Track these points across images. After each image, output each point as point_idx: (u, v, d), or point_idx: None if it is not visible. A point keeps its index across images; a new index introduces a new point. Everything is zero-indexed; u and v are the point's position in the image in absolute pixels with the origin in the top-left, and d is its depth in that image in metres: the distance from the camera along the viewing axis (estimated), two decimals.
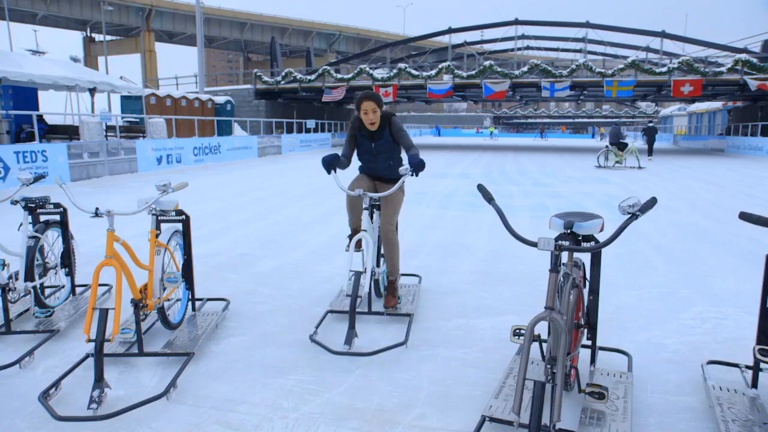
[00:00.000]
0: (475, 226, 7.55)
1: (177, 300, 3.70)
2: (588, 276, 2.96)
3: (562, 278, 2.37)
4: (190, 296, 3.80)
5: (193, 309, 3.85)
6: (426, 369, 3.15)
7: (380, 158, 4.01)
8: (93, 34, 59.87)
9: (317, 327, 3.65)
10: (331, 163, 3.75)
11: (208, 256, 5.60)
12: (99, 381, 2.62)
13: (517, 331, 2.49)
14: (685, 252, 6.12)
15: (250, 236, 6.76)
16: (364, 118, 3.85)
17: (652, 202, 2.12)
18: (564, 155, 27.05)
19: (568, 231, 2.64)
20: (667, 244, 6.47)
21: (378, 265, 4.05)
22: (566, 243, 2.18)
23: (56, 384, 2.76)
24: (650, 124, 22.75)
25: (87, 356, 3.07)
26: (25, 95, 17.12)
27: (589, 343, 3.02)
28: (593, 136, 66.04)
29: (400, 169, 3.64)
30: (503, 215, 2.21)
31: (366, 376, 3.04)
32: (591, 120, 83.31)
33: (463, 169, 18.11)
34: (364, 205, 3.78)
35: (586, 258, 3.04)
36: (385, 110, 3.92)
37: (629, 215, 2.07)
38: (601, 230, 2.66)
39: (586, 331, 2.96)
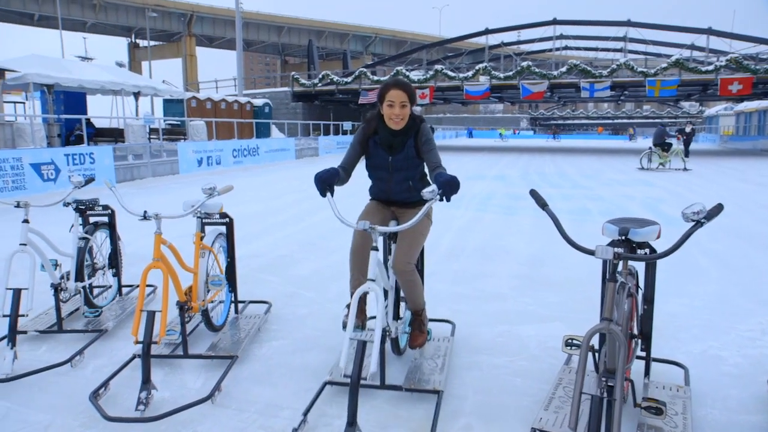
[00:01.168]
0: (514, 229, 7.42)
1: (220, 302, 3.73)
2: (640, 284, 2.85)
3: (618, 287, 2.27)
4: (232, 298, 3.83)
5: (236, 311, 3.87)
6: (470, 377, 3.08)
7: (396, 177, 3.00)
8: (137, 40, 61.67)
9: (312, 403, 2.70)
10: (326, 181, 2.62)
11: (248, 258, 5.64)
12: (146, 382, 2.65)
13: (570, 341, 2.40)
14: (738, 258, 5.85)
15: (289, 238, 6.80)
16: (387, 112, 2.86)
17: (718, 208, 2.01)
18: (604, 157, 26.42)
19: (623, 238, 2.54)
20: (719, 249, 6.20)
21: (396, 316, 3.05)
22: (622, 251, 2.08)
23: (105, 384, 2.81)
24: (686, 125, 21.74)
25: (134, 357, 3.12)
26: (74, 100, 17.74)
27: (643, 353, 2.89)
28: (630, 138, 64.27)
29: (424, 191, 2.42)
30: (558, 221, 2.13)
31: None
32: (631, 121, 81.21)
33: (500, 171, 17.88)
34: (374, 244, 2.48)
35: (638, 265, 2.92)
36: (414, 112, 3.01)
37: (694, 222, 1.96)
38: (658, 237, 2.55)
39: (639, 341, 2.85)
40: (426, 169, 3.04)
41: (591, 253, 1.94)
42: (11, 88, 16.97)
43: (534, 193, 2.34)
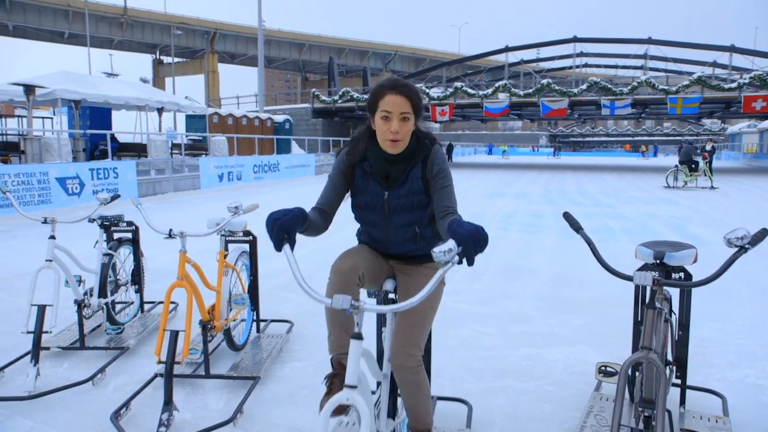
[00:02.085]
0: (537, 249, 7.31)
1: (242, 321, 3.70)
2: (673, 308, 2.76)
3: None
4: (254, 317, 3.80)
5: (258, 330, 3.84)
6: (497, 402, 2.99)
7: (396, 220, 2.13)
8: (161, 57, 63.05)
9: None
10: (283, 228, 1.71)
11: (268, 276, 5.61)
12: (168, 403, 2.61)
13: (603, 368, 2.32)
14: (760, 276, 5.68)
15: (310, 256, 6.76)
16: (381, 128, 1.99)
17: (763, 233, 1.93)
18: (625, 175, 26.11)
19: (658, 262, 2.46)
20: (750, 271, 6.02)
21: (391, 413, 2.28)
22: (655, 274, 2.00)
23: (126, 404, 2.78)
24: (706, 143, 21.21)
25: (155, 376, 3.09)
26: (100, 115, 18.08)
27: (677, 381, 2.79)
28: (655, 155, 63.60)
29: (435, 251, 1.47)
30: (593, 245, 2.06)
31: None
32: (651, 138, 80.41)
33: (521, 188, 17.74)
34: (356, 330, 1.62)
35: (672, 289, 2.82)
36: (423, 130, 2.14)
37: (737, 248, 1.88)
38: (694, 261, 2.46)
39: (674, 368, 2.74)
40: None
41: (629, 278, 1.87)
42: (40, 104, 17.37)
43: (568, 216, 2.27)
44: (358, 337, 1.62)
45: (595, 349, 3.77)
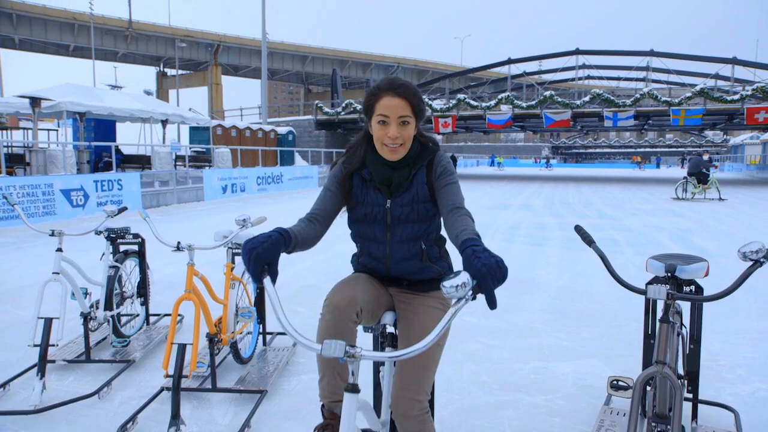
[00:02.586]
0: (542, 261, 7.28)
1: (248, 333, 3.68)
2: (684, 321, 2.73)
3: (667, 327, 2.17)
4: (260, 330, 3.78)
5: (264, 343, 3.81)
6: (507, 416, 2.96)
7: (399, 233, 1.93)
8: (165, 69, 63.53)
9: None
10: (261, 258, 1.53)
11: None
12: (175, 418, 2.59)
13: (615, 383, 2.30)
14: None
15: (316, 267, 6.76)
16: (379, 133, 1.83)
17: None
18: (628, 186, 26.09)
19: (669, 275, 2.44)
20: (757, 285, 5.96)
21: None
22: (668, 287, 1.99)
23: (133, 418, 2.76)
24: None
25: (162, 390, 3.07)
26: (104, 127, 18.20)
27: (689, 395, 2.75)
28: (657, 166, 63.70)
29: (445, 284, 1.23)
30: (606, 259, 2.04)
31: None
32: (654, 150, 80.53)
33: (525, 200, 17.72)
34: (351, 381, 1.42)
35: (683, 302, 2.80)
36: (426, 135, 1.99)
37: (752, 262, 1.86)
38: (706, 275, 2.45)
39: (685, 382, 2.71)
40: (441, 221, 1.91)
41: (642, 292, 1.86)
42: (45, 116, 17.50)
43: (579, 230, 2.26)
44: (354, 389, 1.38)
45: (604, 362, 3.74)
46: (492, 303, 1.31)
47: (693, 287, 2.54)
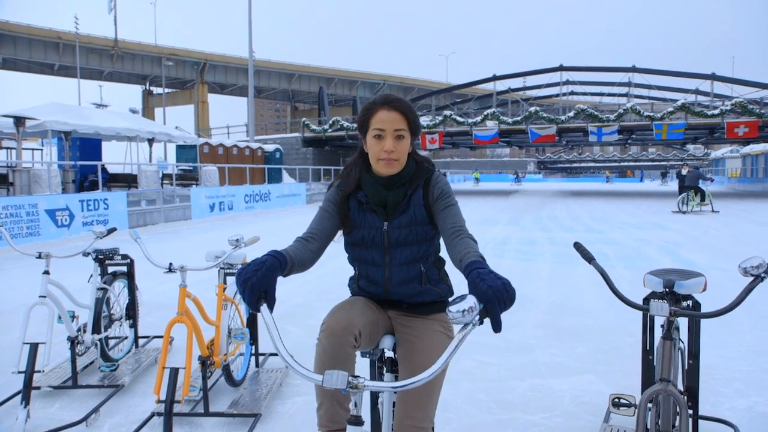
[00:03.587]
0: (534, 276, 7.28)
1: (240, 355, 3.61)
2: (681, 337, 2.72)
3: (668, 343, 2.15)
4: (253, 351, 3.71)
5: (257, 365, 3.74)
6: None
7: (398, 256, 1.90)
8: (151, 87, 63.38)
9: None
10: (257, 287, 1.44)
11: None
12: None
13: (617, 400, 2.27)
14: (765, 303, 5.67)
15: (306, 286, 6.69)
16: (374, 148, 1.82)
17: None
18: (613, 200, 26.35)
19: (667, 290, 2.43)
20: (749, 297, 6.01)
21: None
22: (667, 303, 1.97)
23: None
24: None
25: (152, 415, 2.99)
26: (90, 146, 18.02)
27: (689, 411, 2.73)
28: (641, 180, 64.61)
29: (451, 309, 1.18)
30: (607, 276, 2.03)
31: None
32: (637, 163, 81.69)
33: (513, 215, 17.81)
34: (353, 412, 1.35)
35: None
36: (421, 155, 1.98)
37: (753, 277, 1.86)
38: (704, 290, 2.44)
39: (686, 398, 2.69)
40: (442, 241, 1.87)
41: (645, 309, 1.84)
42: (30, 135, 17.29)
43: (579, 247, 2.25)
44: (357, 421, 1.28)
45: (601, 378, 3.72)
46: (497, 327, 1.28)
47: (690, 302, 2.54)
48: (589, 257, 2.13)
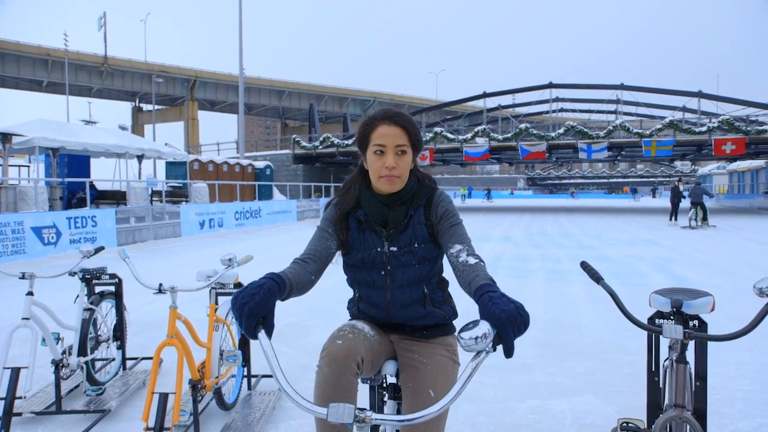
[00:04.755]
0: (528, 294, 7.21)
1: (232, 377, 3.50)
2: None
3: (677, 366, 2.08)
4: (245, 373, 3.59)
5: (249, 387, 3.62)
6: None
7: (399, 278, 1.81)
8: (141, 104, 63.26)
9: None
10: (254, 313, 1.31)
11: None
12: None
13: (625, 424, 2.19)
14: (764, 322, 5.63)
15: (298, 304, 6.55)
16: (375, 164, 1.75)
17: None
18: (604, 216, 26.48)
19: (675, 310, 2.37)
20: (741, 313, 5.97)
21: None
22: (680, 326, 1.91)
23: None
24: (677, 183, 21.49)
25: None
26: (78, 162, 17.84)
27: None
28: (632, 195, 65.21)
29: (463, 335, 1.09)
30: (616, 296, 1.96)
31: None
32: (626, 180, 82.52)
33: (504, 231, 17.80)
34: None
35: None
36: (422, 171, 1.91)
37: None
38: (712, 310, 2.38)
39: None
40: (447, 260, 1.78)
41: (658, 331, 1.77)
42: (17, 152, 17.10)
43: (586, 266, 2.18)
44: None
45: (602, 399, 3.64)
46: (509, 353, 1.18)
47: (697, 322, 2.48)
48: (597, 277, 2.07)
